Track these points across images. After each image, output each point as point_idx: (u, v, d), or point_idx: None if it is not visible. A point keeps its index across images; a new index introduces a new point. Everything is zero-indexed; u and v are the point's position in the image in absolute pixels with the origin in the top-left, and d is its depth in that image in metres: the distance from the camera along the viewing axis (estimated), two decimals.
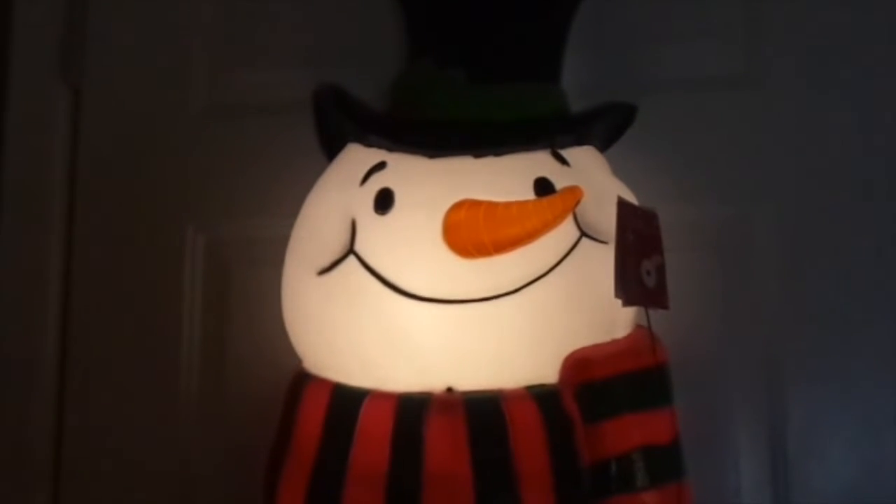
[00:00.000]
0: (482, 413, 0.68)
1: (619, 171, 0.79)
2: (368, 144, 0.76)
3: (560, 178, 0.72)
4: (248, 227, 0.97)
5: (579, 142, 0.77)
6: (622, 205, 0.71)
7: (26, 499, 0.98)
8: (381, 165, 0.74)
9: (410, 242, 0.70)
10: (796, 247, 0.88)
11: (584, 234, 0.72)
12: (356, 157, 0.77)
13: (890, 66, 0.90)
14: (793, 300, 0.88)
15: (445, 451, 0.67)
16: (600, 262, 0.70)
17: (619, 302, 0.69)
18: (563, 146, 0.75)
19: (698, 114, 0.91)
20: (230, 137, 0.99)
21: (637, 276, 0.70)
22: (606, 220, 0.71)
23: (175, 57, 1.03)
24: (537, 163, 0.74)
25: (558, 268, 0.70)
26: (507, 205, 0.69)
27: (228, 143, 0.99)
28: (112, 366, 0.97)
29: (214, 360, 0.96)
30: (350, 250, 0.72)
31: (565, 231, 0.71)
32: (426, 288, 0.69)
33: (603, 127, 0.79)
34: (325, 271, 0.73)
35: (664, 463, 0.71)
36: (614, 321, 0.73)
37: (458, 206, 0.69)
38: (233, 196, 0.98)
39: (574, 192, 0.70)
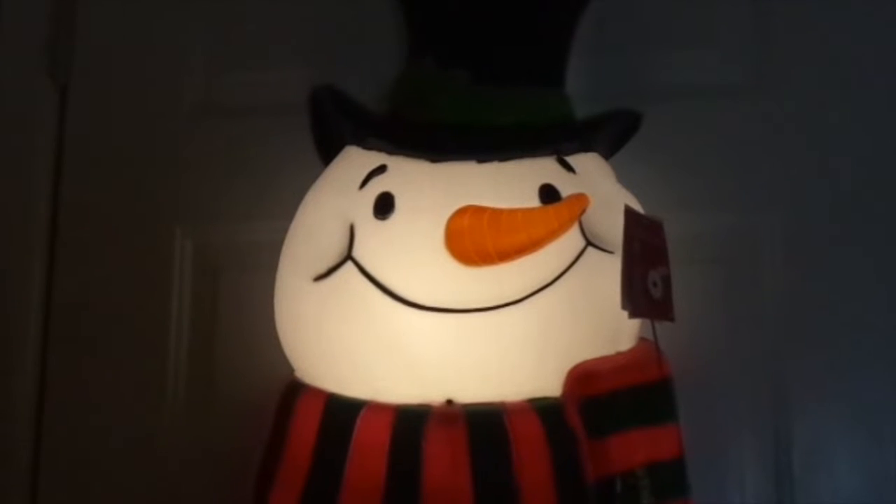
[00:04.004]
0: (483, 426, 0.66)
1: (623, 180, 0.78)
2: (368, 147, 0.74)
3: (566, 186, 0.71)
4: (238, 231, 0.95)
5: (584, 148, 0.75)
6: (629, 214, 0.70)
7: None
8: (381, 169, 0.72)
9: (411, 249, 0.68)
10: (802, 258, 0.88)
11: (589, 243, 0.70)
12: (355, 160, 0.75)
13: (893, 72, 0.90)
14: (798, 312, 0.87)
15: (445, 465, 0.65)
16: (606, 271, 0.69)
17: (625, 313, 0.68)
18: (569, 153, 0.74)
19: (703, 122, 0.91)
20: (222, 138, 0.97)
21: (644, 287, 0.69)
22: (613, 229, 0.70)
23: (166, 55, 1.00)
24: (543, 169, 0.72)
25: (563, 277, 0.68)
26: (512, 212, 0.67)
27: (220, 143, 0.97)
28: (96, 373, 0.95)
29: (203, 369, 0.94)
30: (348, 256, 0.70)
31: (571, 240, 0.69)
32: (427, 296, 0.67)
33: (608, 134, 0.78)
34: (321, 277, 0.71)
35: (669, 480, 0.69)
36: (619, 333, 0.71)
37: (461, 213, 0.67)
38: (223, 199, 0.96)
39: (580, 200, 0.68)
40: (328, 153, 0.79)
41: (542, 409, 0.67)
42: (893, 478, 0.84)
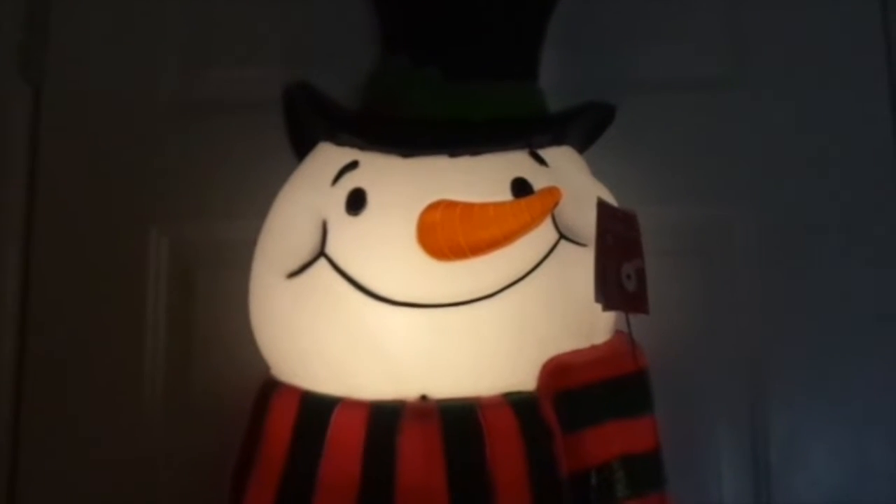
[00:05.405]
0: (458, 422, 0.66)
1: (598, 173, 0.78)
2: (340, 143, 0.74)
3: (538, 179, 0.71)
4: (214, 228, 0.94)
5: (557, 142, 0.75)
6: (602, 206, 0.70)
7: None
8: (353, 165, 0.72)
9: (383, 244, 0.68)
10: (778, 250, 0.88)
11: (562, 236, 0.70)
12: (327, 156, 0.75)
13: (868, 66, 0.91)
14: (775, 304, 0.87)
15: (419, 461, 0.65)
16: (579, 265, 0.69)
17: (599, 306, 0.68)
18: (541, 146, 0.74)
19: (678, 115, 0.91)
20: (195, 136, 0.96)
21: (617, 280, 0.69)
22: (586, 221, 0.70)
23: (140, 54, 0.99)
24: (515, 163, 0.72)
25: (536, 271, 0.68)
26: (484, 206, 0.67)
27: (194, 142, 0.96)
28: (72, 371, 0.94)
29: (179, 367, 0.93)
30: (321, 252, 0.70)
31: (543, 233, 0.69)
32: (400, 291, 0.67)
33: (581, 127, 0.78)
34: (294, 274, 0.71)
35: (645, 472, 0.69)
36: (594, 326, 0.71)
37: (433, 207, 0.67)
38: (198, 196, 0.95)
39: (553, 193, 0.68)
40: (302, 149, 0.78)
41: (517, 403, 0.67)
42: (871, 471, 0.84)
